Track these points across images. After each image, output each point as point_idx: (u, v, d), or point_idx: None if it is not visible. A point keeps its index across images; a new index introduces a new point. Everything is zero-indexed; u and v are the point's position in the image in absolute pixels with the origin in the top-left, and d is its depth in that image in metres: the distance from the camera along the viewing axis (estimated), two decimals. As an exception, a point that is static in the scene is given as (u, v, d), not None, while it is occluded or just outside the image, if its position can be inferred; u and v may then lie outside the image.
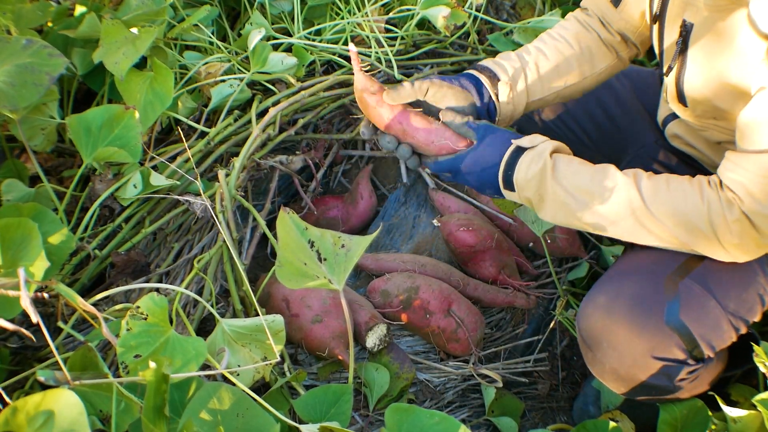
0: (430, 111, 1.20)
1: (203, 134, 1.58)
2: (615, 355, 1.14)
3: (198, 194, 1.38)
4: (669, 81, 1.19)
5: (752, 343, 1.15)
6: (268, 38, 1.71)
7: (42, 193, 1.33)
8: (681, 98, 1.18)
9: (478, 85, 1.24)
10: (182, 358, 0.94)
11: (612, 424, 1.20)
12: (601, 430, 1.19)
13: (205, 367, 1.15)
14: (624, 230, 1.11)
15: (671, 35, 1.17)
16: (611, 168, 1.12)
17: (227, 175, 1.37)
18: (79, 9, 1.57)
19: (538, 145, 1.14)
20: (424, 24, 1.90)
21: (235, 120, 1.60)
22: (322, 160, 1.74)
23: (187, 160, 1.45)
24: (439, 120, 1.18)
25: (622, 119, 1.53)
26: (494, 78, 1.25)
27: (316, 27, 1.78)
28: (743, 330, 1.17)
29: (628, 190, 1.08)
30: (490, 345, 1.54)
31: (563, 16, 1.85)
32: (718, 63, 1.07)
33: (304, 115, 1.69)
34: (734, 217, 1.03)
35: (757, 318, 1.19)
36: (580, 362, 1.62)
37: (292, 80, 1.66)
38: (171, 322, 1.01)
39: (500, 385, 1.41)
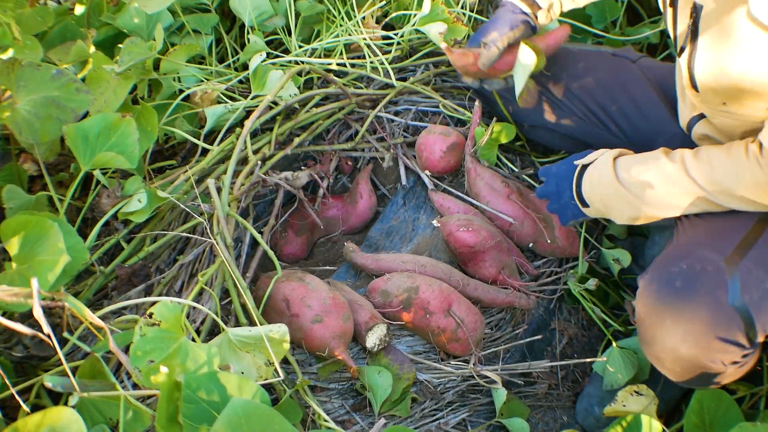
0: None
1: (204, 152, 1.59)
2: (678, 332, 1.14)
3: (201, 213, 1.41)
4: (682, 63, 1.19)
5: None
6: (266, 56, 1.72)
7: (41, 200, 1.32)
8: (693, 82, 1.17)
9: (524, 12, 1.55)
10: (195, 364, 0.94)
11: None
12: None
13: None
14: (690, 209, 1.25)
15: (684, 19, 1.17)
16: (661, 158, 1.25)
17: (219, 189, 1.39)
18: (79, 8, 1.56)
19: (598, 157, 1.35)
20: (422, 25, 1.90)
21: (237, 138, 1.60)
22: (329, 172, 1.74)
23: (188, 179, 1.48)
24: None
25: (650, 109, 1.52)
26: (534, 5, 1.55)
27: (312, 45, 1.79)
28: None
29: (680, 178, 1.22)
30: (490, 345, 1.54)
31: None
32: (722, 50, 1.08)
33: (299, 133, 1.71)
34: None
35: None
36: (579, 361, 1.64)
37: (282, 103, 1.66)
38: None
39: (500, 385, 1.42)
